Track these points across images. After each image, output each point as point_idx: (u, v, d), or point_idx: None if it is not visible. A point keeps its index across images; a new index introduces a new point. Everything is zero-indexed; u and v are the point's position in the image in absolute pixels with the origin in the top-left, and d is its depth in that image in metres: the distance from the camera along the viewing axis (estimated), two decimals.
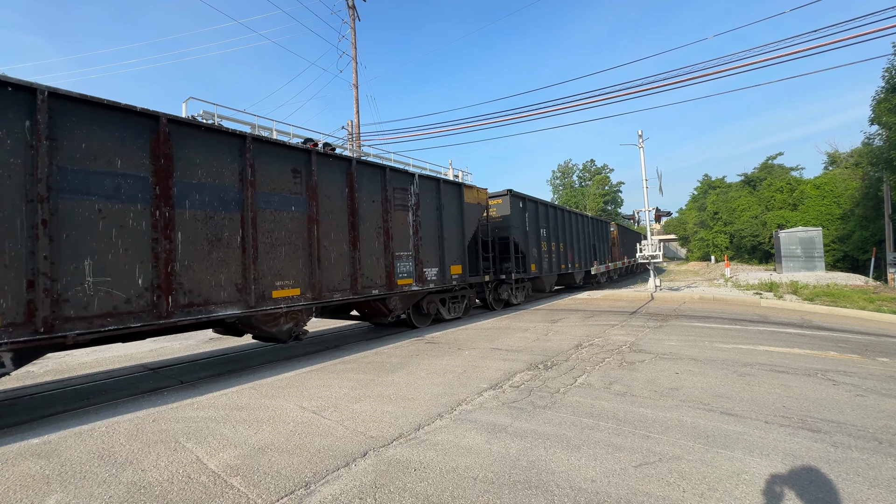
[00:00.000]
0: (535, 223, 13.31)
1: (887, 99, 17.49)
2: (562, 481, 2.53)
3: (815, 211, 32.43)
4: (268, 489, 2.53)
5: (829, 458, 2.76)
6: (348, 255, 6.80)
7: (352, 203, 6.92)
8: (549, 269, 14.07)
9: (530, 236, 12.78)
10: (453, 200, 9.52)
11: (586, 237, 18.16)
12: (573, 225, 16.72)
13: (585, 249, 17.82)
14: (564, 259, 15.36)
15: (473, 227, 10.06)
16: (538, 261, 13.28)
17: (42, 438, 3.43)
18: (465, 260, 9.57)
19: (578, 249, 16.99)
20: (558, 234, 15.02)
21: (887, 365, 5.16)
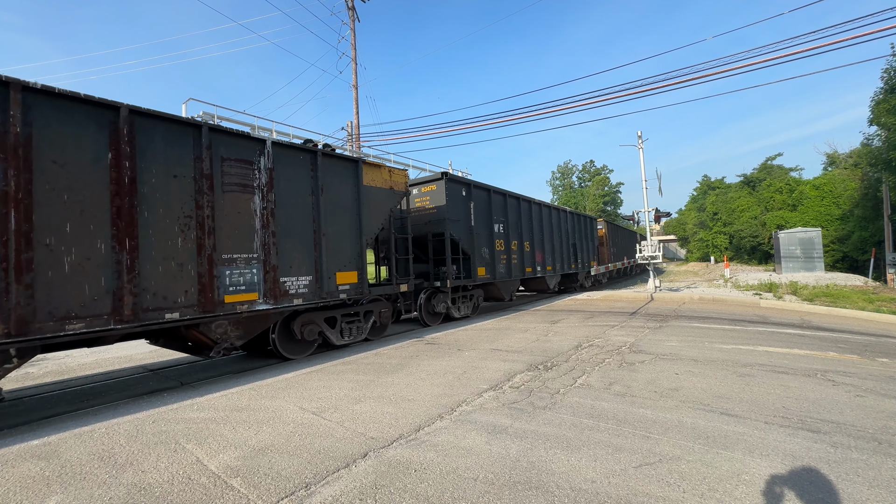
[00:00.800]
0: (486, 216, 10.95)
1: (886, 100, 17.54)
2: (562, 482, 2.53)
3: (815, 211, 32.46)
4: (268, 490, 2.53)
5: (828, 458, 2.76)
6: (108, 258, 4.33)
7: (119, 176, 4.44)
8: (508, 272, 11.60)
9: (478, 233, 10.43)
10: (345, 183, 7.00)
11: (564, 235, 15.63)
12: (545, 220, 14.17)
13: (563, 249, 15.37)
14: (531, 260, 13.01)
15: (381, 219, 7.63)
16: (490, 263, 10.82)
17: (42, 440, 3.42)
18: (363, 264, 7.12)
19: (553, 249, 14.55)
20: (522, 230, 12.57)
21: (887, 365, 5.16)
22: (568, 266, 15.76)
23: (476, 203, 10.52)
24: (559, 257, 15.02)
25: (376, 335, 7.90)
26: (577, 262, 16.61)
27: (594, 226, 19.84)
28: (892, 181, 18.66)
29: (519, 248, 12.34)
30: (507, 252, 11.66)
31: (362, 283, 7.08)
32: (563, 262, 15.30)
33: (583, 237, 17.75)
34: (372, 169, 7.55)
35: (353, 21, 18.17)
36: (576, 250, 16.63)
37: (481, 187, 11.01)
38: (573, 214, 16.84)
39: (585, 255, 17.76)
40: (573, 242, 16.40)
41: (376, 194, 7.50)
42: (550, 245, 14.42)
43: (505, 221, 11.69)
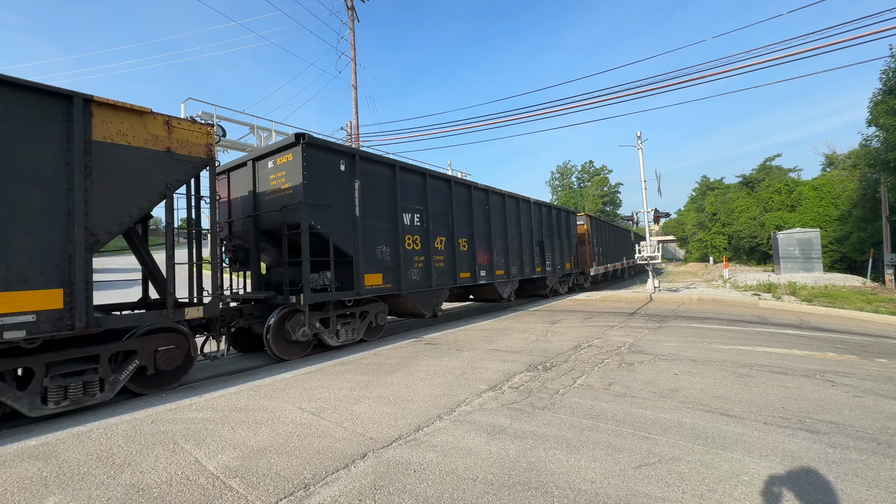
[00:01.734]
0: (388, 202, 7.88)
1: (885, 101, 17.58)
2: (561, 482, 2.53)
3: (813, 212, 32.55)
4: (267, 491, 2.52)
5: (827, 458, 2.76)
6: None
7: None
8: (426, 280, 8.44)
9: (368, 225, 7.34)
10: (33, 133, 4.04)
11: (526, 231, 12.71)
12: (495, 211, 11.02)
13: (524, 249, 12.49)
14: (469, 263, 9.80)
15: (141, 201, 4.69)
16: (394, 268, 7.76)
17: (39, 440, 3.41)
18: (74, 275, 4.15)
19: (507, 249, 11.52)
20: (454, 223, 9.38)
21: (885, 366, 5.17)
22: (531, 269, 12.83)
23: (367, 183, 7.36)
24: (517, 258, 12.02)
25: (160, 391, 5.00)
26: (545, 265, 13.67)
27: (571, 221, 16.54)
28: (890, 182, 18.71)
29: (449, 246, 9.20)
30: (426, 252, 8.47)
31: (72, 309, 4.11)
32: (523, 264, 12.32)
33: (555, 234, 14.74)
34: (118, 115, 4.56)
35: (353, 21, 18.16)
36: (543, 250, 13.67)
37: (377, 161, 7.71)
38: (541, 206, 13.91)
39: (558, 255, 14.86)
40: (539, 240, 13.52)
41: (129, 157, 4.60)
42: (503, 243, 11.34)
43: (423, 211, 8.54)
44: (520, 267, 12.23)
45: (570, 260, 15.99)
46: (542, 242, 13.71)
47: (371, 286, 7.32)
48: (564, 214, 16.00)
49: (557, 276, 15.03)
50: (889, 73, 17.75)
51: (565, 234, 15.72)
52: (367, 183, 7.46)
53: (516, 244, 12.12)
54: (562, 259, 15.24)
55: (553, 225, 14.78)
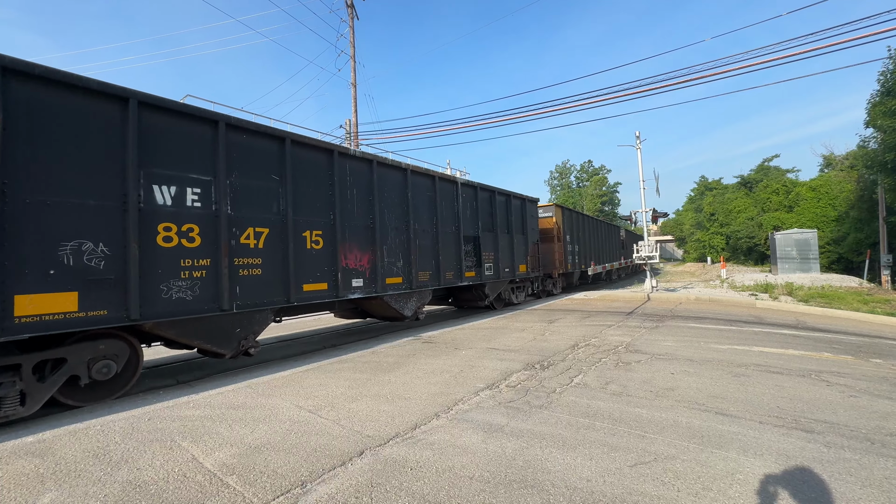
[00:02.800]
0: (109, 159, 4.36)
1: (882, 102, 17.63)
2: (557, 480, 2.54)
3: (811, 213, 32.69)
4: (264, 488, 2.52)
5: (822, 458, 2.78)
6: None
7: None
8: (211, 296, 5.09)
9: (45, 202, 3.90)
10: None
11: (448, 222, 9.43)
12: (392, 192, 8.00)
13: (443, 247, 9.07)
14: (325, 267, 6.54)
15: None
16: (118, 280, 4.30)
17: (36, 437, 3.41)
18: None
19: (412, 247, 8.22)
20: (287, 203, 6.03)
21: (880, 366, 5.20)
22: (457, 274, 9.40)
23: (39, 125, 3.92)
24: (430, 260, 8.64)
25: None
26: (481, 268, 10.24)
27: (530, 212, 13.06)
28: (887, 184, 18.78)
29: (276, 243, 5.82)
30: (212, 252, 5.10)
31: None
32: (441, 268, 8.85)
33: (501, 228, 11.36)
34: None
35: (352, 19, 18.12)
36: (479, 248, 10.23)
37: (68, 84, 4.10)
38: (476, 190, 10.43)
39: (507, 255, 11.51)
40: (474, 235, 10.15)
41: None
42: (403, 239, 8.01)
43: (211, 183, 5.16)
44: (435, 272, 8.73)
45: (524, 261, 12.40)
46: (476, 238, 10.16)
47: (36, 317, 3.77)
48: (518, 203, 12.44)
49: (506, 282, 11.56)
50: (887, 74, 17.80)
51: (519, 229, 12.28)
52: (42, 125, 3.92)
53: (428, 240, 8.67)
54: (512, 260, 11.73)
55: (498, 216, 11.22)
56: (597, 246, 20.32)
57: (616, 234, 25.95)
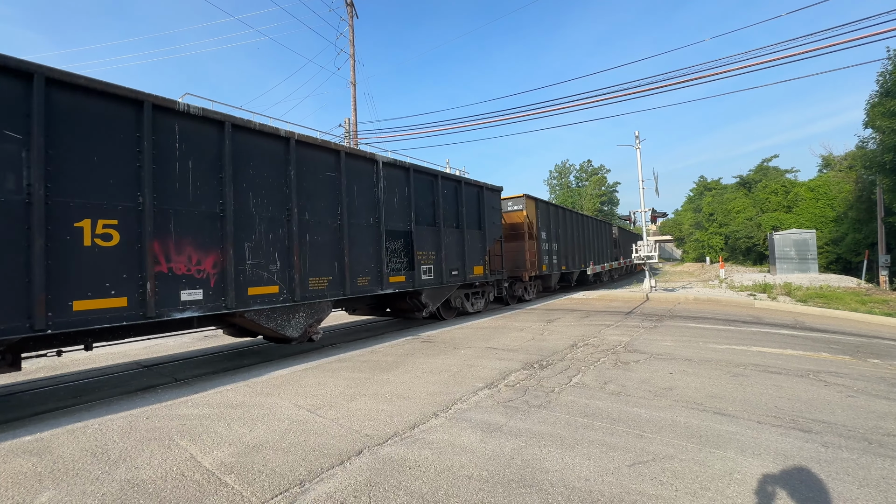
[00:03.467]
0: None
1: (881, 103, 17.65)
2: (556, 480, 2.54)
3: (809, 213, 32.75)
4: (262, 487, 2.52)
5: (819, 458, 2.79)
6: None
7: None
8: None
9: None
10: None
11: (362, 213, 7.38)
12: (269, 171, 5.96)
13: (354, 244, 7.12)
14: (124, 272, 4.42)
15: None
16: None
17: (34, 436, 3.40)
18: None
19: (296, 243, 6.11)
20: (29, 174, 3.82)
21: (878, 366, 5.22)
22: (376, 279, 7.40)
23: None
24: (331, 262, 6.64)
25: None
26: (414, 270, 8.20)
27: (488, 202, 10.89)
28: (886, 184, 18.81)
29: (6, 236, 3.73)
30: None
31: None
32: (352, 272, 6.93)
33: (447, 221, 9.33)
34: None
35: (352, 17, 18.09)
36: (412, 246, 8.26)
37: None
38: (409, 172, 8.36)
39: (455, 255, 9.43)
40: (405, 230, 8.17)
41: None
42: (284, 231, 6.01)
43: None
44: (339, 277, 6.65)
45: (481, 262, 10.31)
46: (408, 234, 8.17)
47: None
48: (473, 192, 10.33)
49: (455, 287, 9.47)
50: (886, 75, 17.82)
51: (474, 223, 10.25)
52: None
53: (327, 236, 6.56)
54: (463, 261, 9.60)
55: (443, 206, 9.11)
56: (583, 244, 18.37)
57: (607, 231, 23.79)
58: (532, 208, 13.55)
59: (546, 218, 14.52)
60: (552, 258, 14.70)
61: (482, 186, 10.71)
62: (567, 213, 16.94)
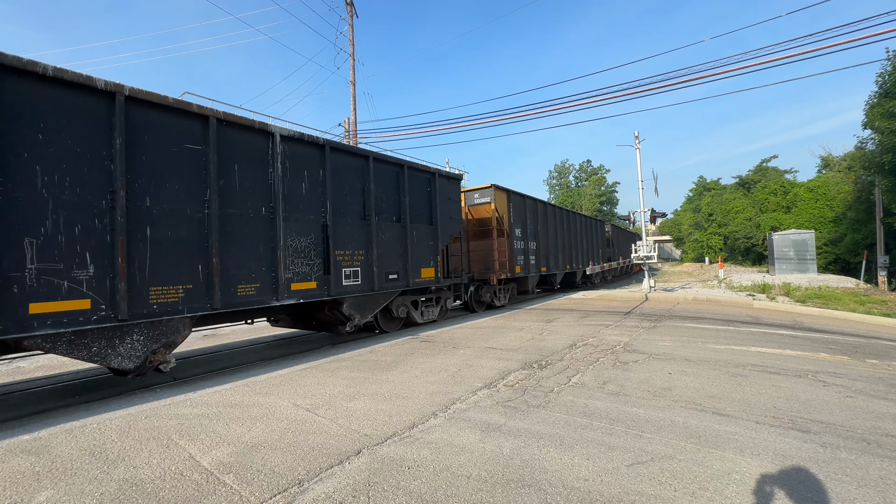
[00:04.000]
0: None
1: (880, 104, 17.67)
2: (555, 480, 2.54)
3: (808, 214, 32.78)
4: (261, 487, 2.52)
5: (818, 458, 2.79)
6: None
7: None
8: None
9: None
10: None
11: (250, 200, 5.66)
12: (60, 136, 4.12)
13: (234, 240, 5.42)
14: None
15: None
16: None
17: (32, 435, 3.40)
18: None
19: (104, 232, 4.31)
20: None
21: (876, 367, 5.23)
22: (270, 286, 5.77)
23: None
24: (196, 262, 5.04)
25: None
26: (332, 275, 6.58)
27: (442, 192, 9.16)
28: (885, 185, 18.84)
29: None
30: None
31: None
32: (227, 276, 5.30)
33: (389, 213, 7.89)
34: None
35: (352, 17, 18.07)
36: (328, 245, 6.63)
37: None
38: (333, 152, 6.84)
39: (395, 255, 7.92)
40: (322, 222, 6.57)
41: None
42: (100, 223, 4.31)
43: None
44: (204, 284, 5.07)
45: (432, 263, 8.71)
46: (324, 228, 6.52)
47: None
48: (423, 179, 8.71)
49: (395, 294, 7.93)
50: (885, 75, 17.84)
51: (423, 216, 8.65)
52: None
53: (183, 230, 4.99)
54: (406, 261, 8.01)
55: (378, 195, 7.53)
56: (569, 243, 16.56)
57: (599, 230, 21.73)
58: (503, 201, 11.89)
59: (521, 213, 12.91)
60: (529, 258, 13.07)
61: (434, 173, 8.96)
62: (549, 207, 15.22)
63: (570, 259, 16.58)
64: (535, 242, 13.63)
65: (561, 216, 16.14)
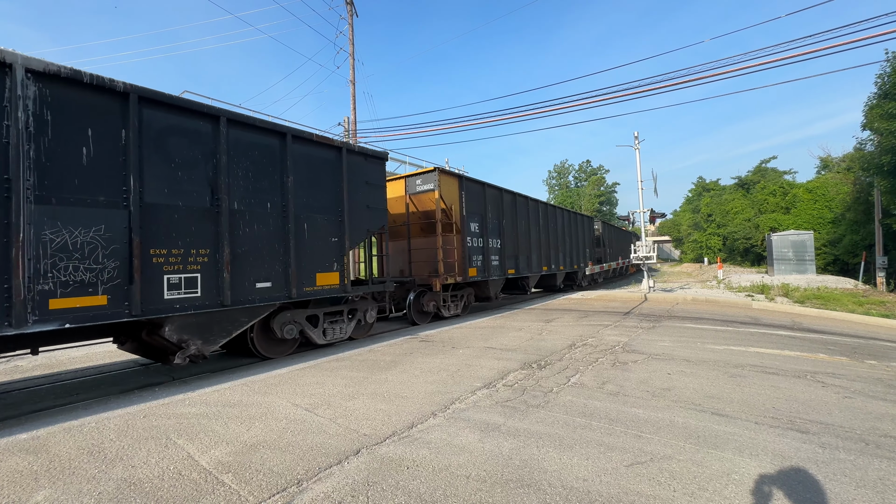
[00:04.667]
0: None
1: (879, 105, 17.69)
2: (554, 480, 2.54)
3: (807, 214, 32.83)
4: (259, 486, 2.52)
5: (817, 458, 2.79)
6: None
7: None
8: None
9: None
10: None
11: None
12: None
13: None
14: None
15: None
16: None
17: (30, 434, 3.39)
18: None
19: None
20: None
21: (875, 367, 5.23)
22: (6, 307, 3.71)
23: None
24: None
25: None
26: (135, 285, 4.44)
27: (357, 174, 7.22)
28: (883, 186, 18.86)
29: None
30: None
31: None
32: None
33: (265, 198, 5.82)
34: None
35: (351, 16, 18.05)
36: (129, 243, 4.49)
37: None
38: (148, 105, 4.71)
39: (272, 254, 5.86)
40: (129, 204, 4.50)
41: None
42: None
43: None
44: None
45: (334, 264, 6.65)
46: (124, 218, 4.50)
47: None
48: (325, 157, 6.69)
49: (274, 306, 5.94)
50: (884, 76, 17.86)
51: (320, 205, 6.58)
52: None
53: None
54: (287, 263, 5.95)
55: (228, 171, 5.38)
56: (548, 242, 14.68)
57: (587, 227, 19.74)
58: (453, 189, 9.90)
59: (480, 204, 10.89)
60: (489, 258, 11.02)
61: (341, 147, 6.93)
62: (518, 198, 12.93)
63: (549, 260, 14.72)
64: (500, 240, 11.64)
65: (536, 210, 14.06)
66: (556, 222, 15.72)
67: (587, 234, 19.78)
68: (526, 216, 13.36)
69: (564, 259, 16.28)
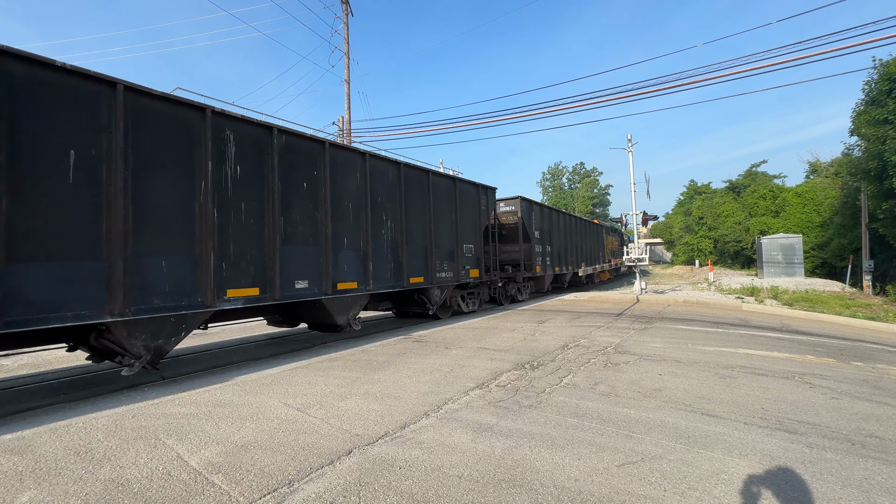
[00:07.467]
0: None
1: (867, 111, 17.99)
2: (546, 480, 2.55)
3: (796, 218, 33.28)
4: (250, 487, 2.49)
5: (804, 458, 2.83)
6: None
7: None
8: None
9: None
10: None
11: None
12: None
13: None
14: None
15: None
16: None
17: (15, 434, 3.33)
18: None
19: None
20: None
21: (861, 369, 5.32)
22: None
23: None
24: None
25: None
26: None
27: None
28: (870, 191, 19.18)
29: None
30: None
31: None
32: None
33: None
34: None
35: (347, 15, 18.00)
36: None
37: None
38: None
39: None
40: None
41: None
42: None
43: None
44: None
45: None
46: None
47: None
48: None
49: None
50: (872, 84, 18.16)
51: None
52: None
53: None
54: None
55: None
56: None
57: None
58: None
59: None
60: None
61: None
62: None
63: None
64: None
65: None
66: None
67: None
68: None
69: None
